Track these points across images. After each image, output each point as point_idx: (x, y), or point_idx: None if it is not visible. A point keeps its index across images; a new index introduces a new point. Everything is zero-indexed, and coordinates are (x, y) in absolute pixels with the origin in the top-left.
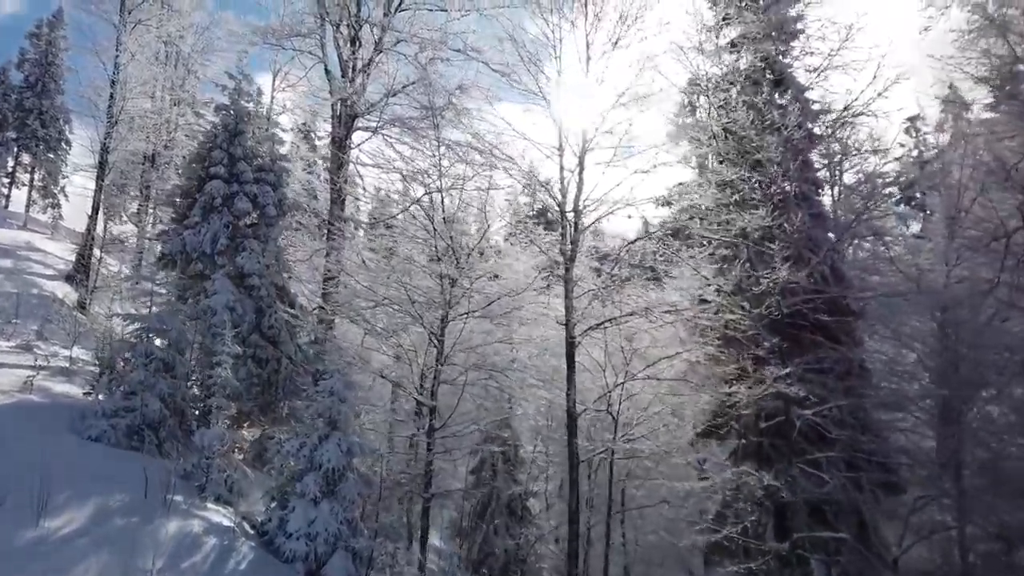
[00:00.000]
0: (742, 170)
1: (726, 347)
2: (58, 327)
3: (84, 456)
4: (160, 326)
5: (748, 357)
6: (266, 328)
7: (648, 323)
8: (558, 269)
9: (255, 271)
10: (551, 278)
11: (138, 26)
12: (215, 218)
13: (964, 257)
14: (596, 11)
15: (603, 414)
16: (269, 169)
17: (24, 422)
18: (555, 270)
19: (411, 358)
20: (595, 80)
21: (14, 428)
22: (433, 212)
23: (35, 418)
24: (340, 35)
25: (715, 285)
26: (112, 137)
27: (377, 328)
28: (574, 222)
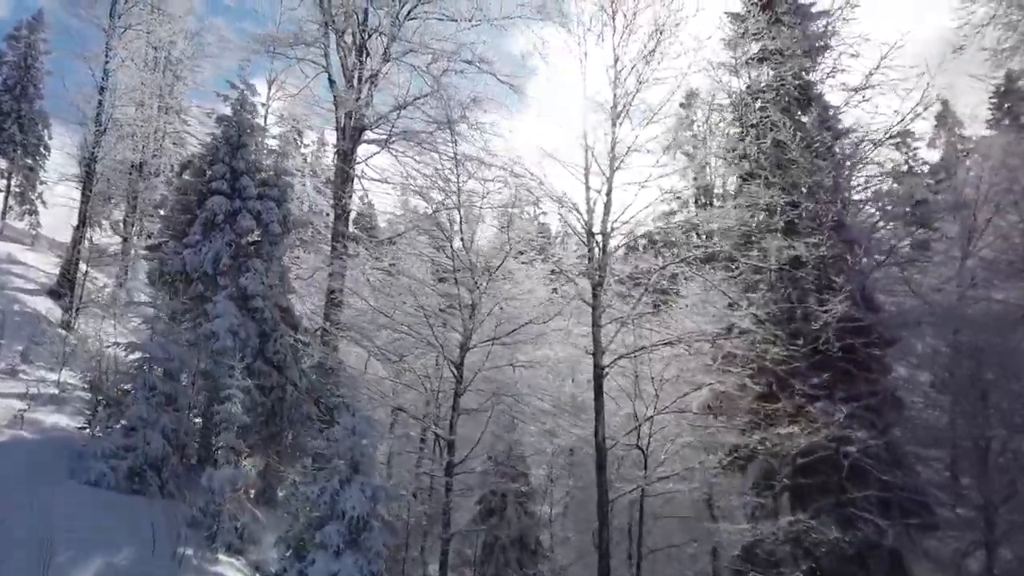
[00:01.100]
0: (773, 192)
1: (760, 377)
2: (43, 348)
3: (85, 504)
4: (162, 355)
5: (796, 393)
6: (270, 353)
7: (679, 352)
8: (583, 293)
9: (259, 292)
10: (575, 302)
11: (128, 31)
12: (217, 236)
13: (979, 278)
14: (627, 24)
15: (631, 448)
16: (273, 184)
17: (19, 465)
18: (582, 295)
19: (427, 387)
20: (625, 95)
21: (9, 472)
22: (451, 232)
23: (30, 459)
24: (344, 44)
25: (752, 314)
26: (100, 146)
27: (390, 356)
28: (602, 245)
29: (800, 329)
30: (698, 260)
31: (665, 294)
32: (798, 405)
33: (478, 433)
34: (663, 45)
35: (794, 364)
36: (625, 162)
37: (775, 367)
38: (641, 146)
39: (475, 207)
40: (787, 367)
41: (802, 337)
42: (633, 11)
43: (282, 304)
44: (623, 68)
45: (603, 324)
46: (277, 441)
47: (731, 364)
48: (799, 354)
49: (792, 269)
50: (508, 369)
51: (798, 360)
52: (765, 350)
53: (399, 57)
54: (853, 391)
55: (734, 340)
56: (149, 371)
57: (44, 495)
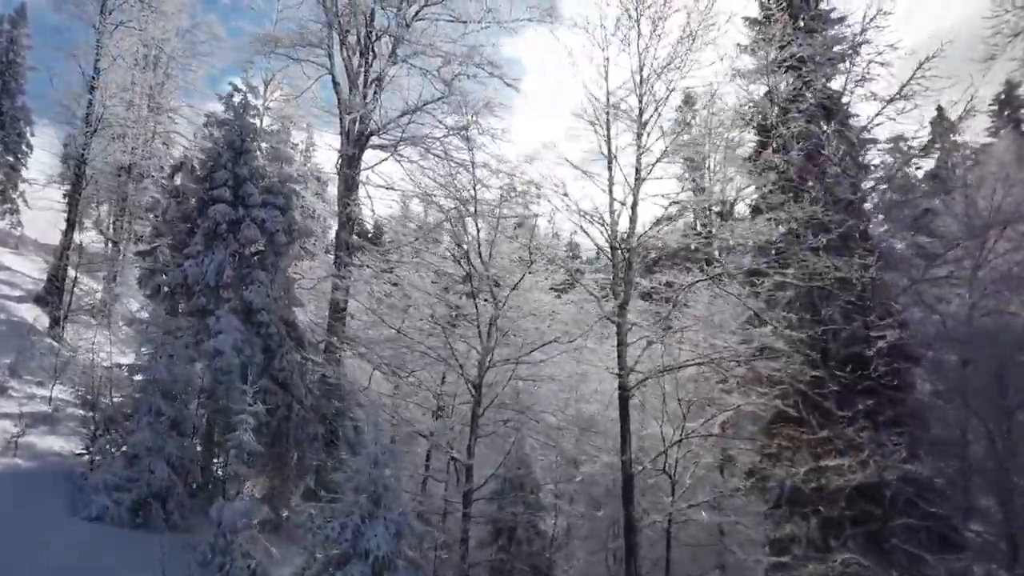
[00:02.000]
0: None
1: (788, 399)
2: (33, 361)
3: (88, 543)
4: (167, 376)
5: (834, 419)
6: (276, 371)
7: (707, 371)
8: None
9: (263, 306)
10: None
11: (119, 28)
12: (219, 246)
13: (990, 290)
14: (654, 29)
15: (658, 474)
16: (278, 191)
17: (16, 498)
18: (605, 312)
19: (439, 404)
20: (652, 103)
21: (7, 507)
22: (468, 243)
23: (27, 493)
24: (348, 45)
25: (787, 334)
26: (90, 147)
27: (399, 371)
28: (627, 260)
29: (830, 349)
30: (729, 276)
31: (685, 308)
32: (846, 437)
33: (487, 452)
34: (695, 52)
35: (828, 389)
36: (652, 172)
37: (811, 390)
38: (669, 156)
39: (492, 217)
40: (821, 390)
41: (833, 359)
42: (662, 16)
43: (287, 318)
44: (650, 75)
45: (629, 343)
46: (283, 463)
47: (759, 384)
48: (831, 377)
49: (839, 290)
50: (525, 387)
51: (829, 382)
52: (801, 371)
53: (407, 59)
54: (886, 415)
55: (766, 361)
56: (153, 394)
57: (45, 532)
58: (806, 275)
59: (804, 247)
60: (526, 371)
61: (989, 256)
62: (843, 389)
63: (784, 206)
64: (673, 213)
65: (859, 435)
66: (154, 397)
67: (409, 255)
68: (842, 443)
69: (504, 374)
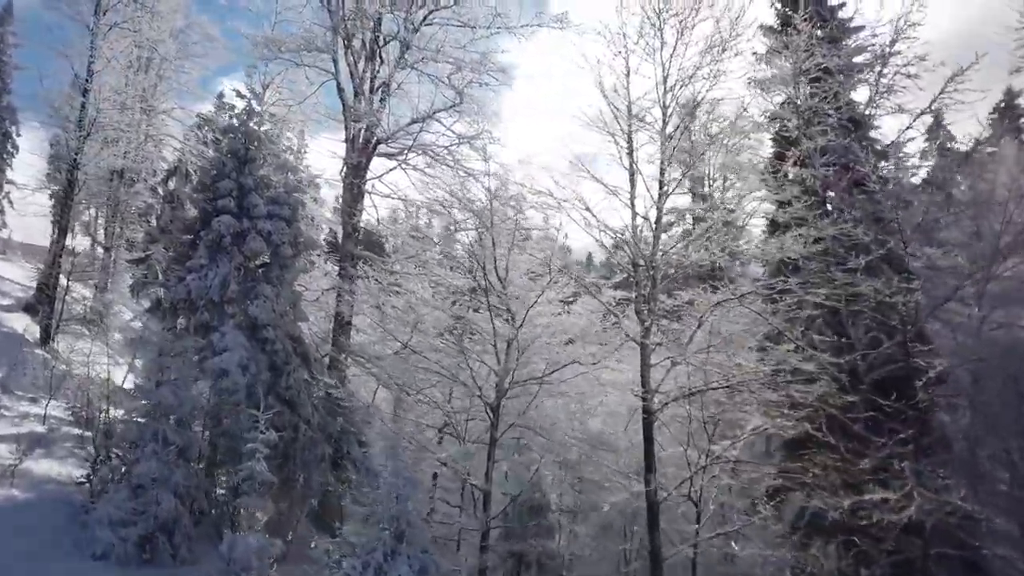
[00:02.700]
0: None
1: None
2: (25, 376)
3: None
4: (173, 401)
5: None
6: (282, 389)
7: (735, 394)
8: (629, 329)
9: (269, 321)
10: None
11: (114, 29)
12: (224, 259)
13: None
14: (679, 38)
15: (683, 500)
16: (283, 202)
17: (18, 538)
18: (627, 331)
19: (459, 430)
20: (674, 114)
21: (7, 544)
22: (483, 260)
23: (28, 528)
24: (352, 49)
25: (817, 357)
26: (83, 152)
27: (407, 389)
28: (651, 278)
29: (859, 372)
30: (756, 295)
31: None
32: (889, 467)
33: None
34: (723, 62)
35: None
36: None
37: (841, 415)
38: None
39: (508, 230)
40: (850, 414)
41: (863, 382)
42: (688, 24)
43: (293, 333)
44: (674, 85)
45: (653, 364)
46: (289, 487)
47: (785, 406)
48: (864, 401)
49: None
50: (541, 408)
51: (860, 406)
52: (833, 395)
53: (415, 65)
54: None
55: (794, 383)
56: (159, 420)
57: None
58: (841, 296)
59: (843, 267)
60: (544, 391)
61: (998, 269)
62: (876, 414)
63: (812, 222)
64: (700, 230)
65: (900, 464)
66: (160, 423)
67: (415, 267)
68: (884, 473)
69: (520, 392)
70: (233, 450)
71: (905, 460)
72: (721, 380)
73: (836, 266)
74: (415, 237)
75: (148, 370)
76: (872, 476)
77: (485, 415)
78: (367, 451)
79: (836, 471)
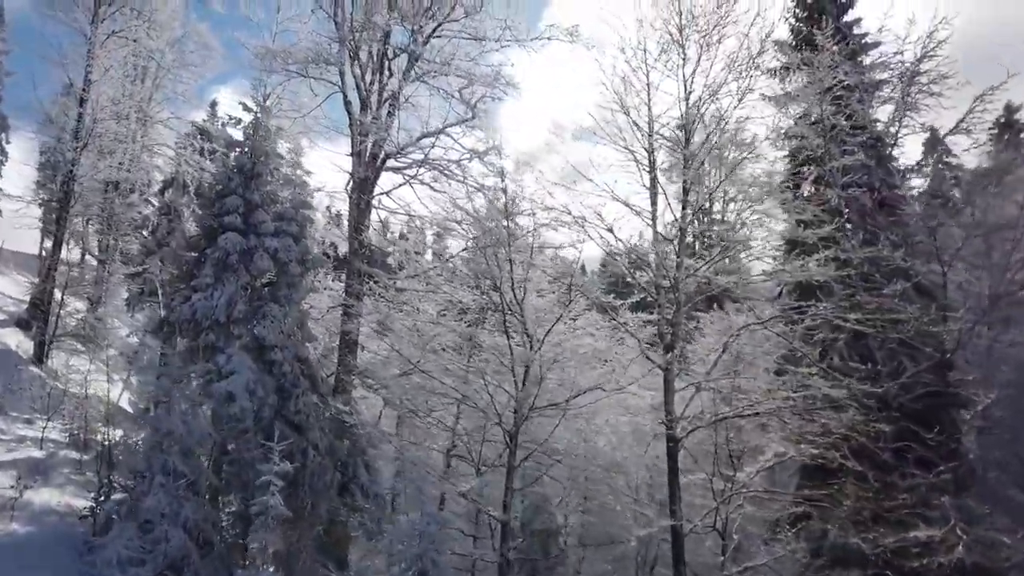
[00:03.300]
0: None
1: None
2: (20, 396)
3: None
4: (182, 430)
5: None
6: (291, 413)
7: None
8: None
9: (277, 343)
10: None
11: (111, 38)
12: (230, 279)
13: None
14: (702, 53)
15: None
16: (291, 218)
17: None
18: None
19: (472, 455)
20: (700, 132)
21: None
22: (499, 277)
23: (31, 567)
24: (359, 62)
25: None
26: (80, 163)
27: (416, 411)
28: (675, 301)
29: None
30: (782, 318)
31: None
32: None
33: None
34: (748, 79)
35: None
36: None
37: (872, 444)
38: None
39: (523, 248)
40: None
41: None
42: (711, 41)
43: (301, 355)
44: (697, 102)
45: (677, 390)
46: (298, 516)
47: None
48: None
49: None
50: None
51: (887, 434)
52: (864, 423)
53: (424, 78)
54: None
55: (823, 410)
56: (168, 451)
57: None
58: (876, 322)
59: (877, 291)
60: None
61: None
62: (910, 444)
63: (840, 244)
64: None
65: (939, 498)
66: (168, 453)
67: (423, 284)
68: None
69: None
70: (238, 477)
71: (944, 494)
72: (746, 406)
73: (867, 290)
74: (420, 253)
75: (152, 395)
76: (910, 510)
77: (494, 437)
78: (374, 477)
79: (867, 502)
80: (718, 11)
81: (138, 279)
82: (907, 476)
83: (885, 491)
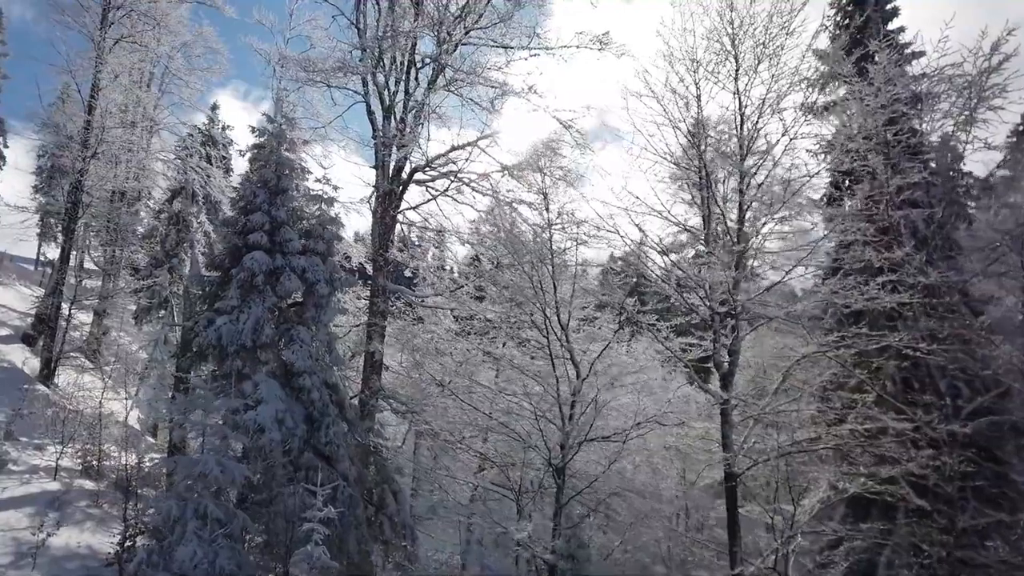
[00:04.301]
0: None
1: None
2: (29, 418)
3: None
4: (217, 470)
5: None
6: (321, 444)
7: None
8: (705, 383)
9: (306, 368)
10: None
11: (120, 43)
12: (256, 301)
13: None
14: (758, 63)
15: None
16: (319, 235)
17: None
18: (714, 395)
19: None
20: (758, 147)
21: None
22: (544, 304)
23: None
24: (383, 69)
25: (921, 418)
26: (88, 172)
27: (449, 437)
28: (733, 327)
29: (955, 431)
30: (842, 345)
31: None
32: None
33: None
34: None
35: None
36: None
37: (937, 479)
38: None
39: (567, 267)
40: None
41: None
42: (771, 51)
43: (329, 380)
44: (753, 114)
45: (735, 422)
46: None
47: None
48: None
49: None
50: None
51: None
52: (933, 457)
53: (451, 87)
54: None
55: (887, 443)
56: (202, 494)
57: None
58: (958, 350)
59: (960, 322)
60: (612, 449)
61: None
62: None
63: (906, 267)
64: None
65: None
66: (203, 497)
67: (452, 301)
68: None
69: (589, 457)
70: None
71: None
72: (808, 439)
73: (932, 317)
74: (446, 268)
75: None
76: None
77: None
78: (401, 505)
79: (941, 546)
80: (776, 19)
81: (146, 292)
82: (977, 514)
83: (951, 528)
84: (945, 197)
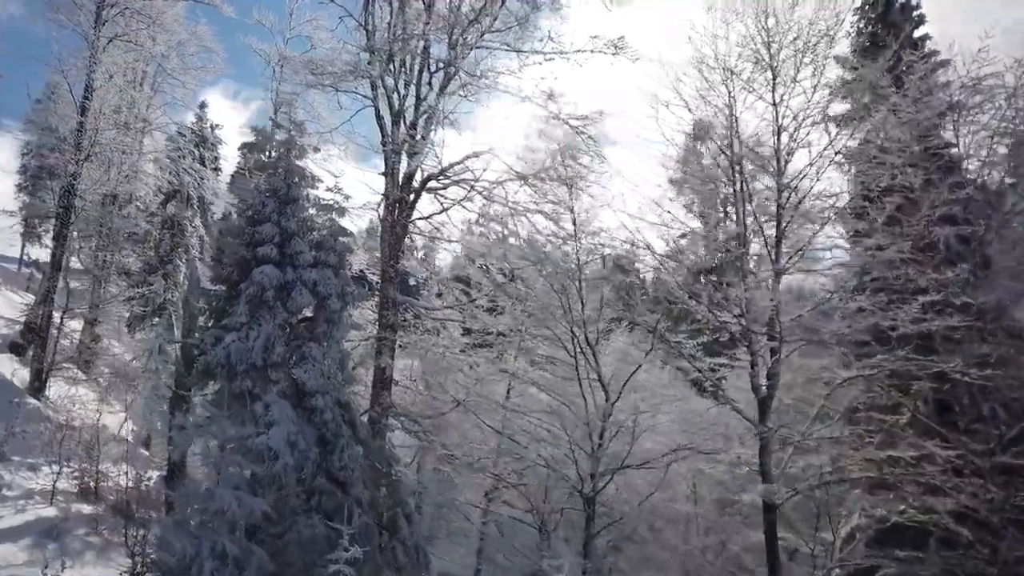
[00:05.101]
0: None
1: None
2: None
3: None
4: (235, 504)
5: None
6: (335, 469)
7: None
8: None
9: (318, 388)
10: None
11: (114, 42)
12: (266, 317)
13: None
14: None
15: None
16: (330, 247)
17: None
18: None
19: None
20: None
21: None
22: (572, 323)
23: None
24: (393, 72)
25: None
26: (81, 175)
27: (468, 458)
28: (770, 351)
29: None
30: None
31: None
32: None
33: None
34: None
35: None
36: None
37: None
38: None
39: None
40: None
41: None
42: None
43: (342, 399)
44: (789, 125)
45: (774, 450)
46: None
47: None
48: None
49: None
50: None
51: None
52: (981, 487)
53: (465, 92)
54: None
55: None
56: (219, 531)
57: None
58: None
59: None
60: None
61: None
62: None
63: (951, 287)
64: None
65: None
66: (219, 534)
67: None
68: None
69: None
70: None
71: None
72: (851, 467)
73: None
74: (461, 280)
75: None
76: None
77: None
78: (414, 527)
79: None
80: (815, 25)
81: (138, 300)
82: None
83: (994, 559)
84: (984, 213)
